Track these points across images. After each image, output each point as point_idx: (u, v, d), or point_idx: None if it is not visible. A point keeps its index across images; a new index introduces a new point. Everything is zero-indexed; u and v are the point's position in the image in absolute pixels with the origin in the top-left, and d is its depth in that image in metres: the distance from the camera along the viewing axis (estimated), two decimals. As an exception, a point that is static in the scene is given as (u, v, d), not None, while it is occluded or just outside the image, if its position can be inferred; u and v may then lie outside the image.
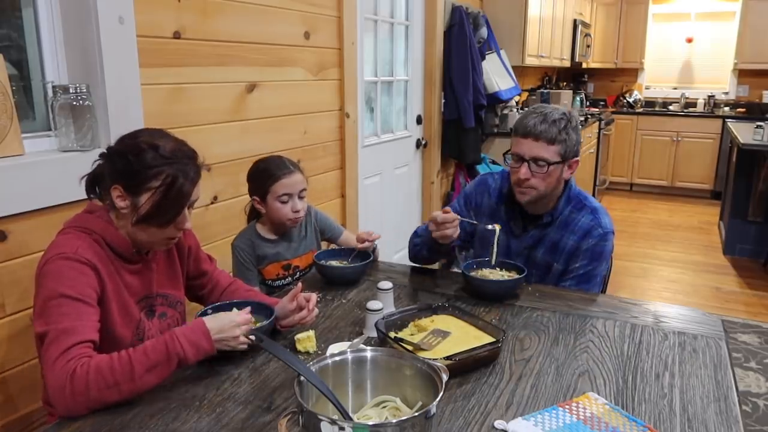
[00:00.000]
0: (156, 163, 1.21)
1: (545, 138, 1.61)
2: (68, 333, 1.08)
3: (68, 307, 1.11)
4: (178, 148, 1.25)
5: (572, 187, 1.75)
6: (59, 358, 1.06)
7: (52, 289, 1.12)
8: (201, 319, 1.17)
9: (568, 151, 1.64)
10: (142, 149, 1.21)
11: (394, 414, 0.99)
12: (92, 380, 1.04)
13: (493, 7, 4.46)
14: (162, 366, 1.10)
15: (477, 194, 1.87)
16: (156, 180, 1.21)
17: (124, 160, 1.22)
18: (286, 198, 1.77)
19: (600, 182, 6.32)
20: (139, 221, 1.22)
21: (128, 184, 1.21)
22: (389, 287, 1.50)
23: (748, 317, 3.55)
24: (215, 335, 1.15)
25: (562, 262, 1.73)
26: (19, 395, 1.53)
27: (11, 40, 1.59)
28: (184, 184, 1.23)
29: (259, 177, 1.81)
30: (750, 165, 4.46)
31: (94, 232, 1.22)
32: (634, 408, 1.10)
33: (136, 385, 1.07)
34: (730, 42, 6.74)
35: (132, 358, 1.07)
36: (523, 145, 1.64)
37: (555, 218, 1.73)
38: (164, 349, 1.10)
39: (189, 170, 1.24)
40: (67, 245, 1.17)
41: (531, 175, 1.63)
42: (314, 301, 1.40)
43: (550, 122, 1.62)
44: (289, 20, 2.38)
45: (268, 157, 1.88)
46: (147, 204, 1.21)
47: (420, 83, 3.81)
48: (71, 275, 1.14)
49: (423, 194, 4.00)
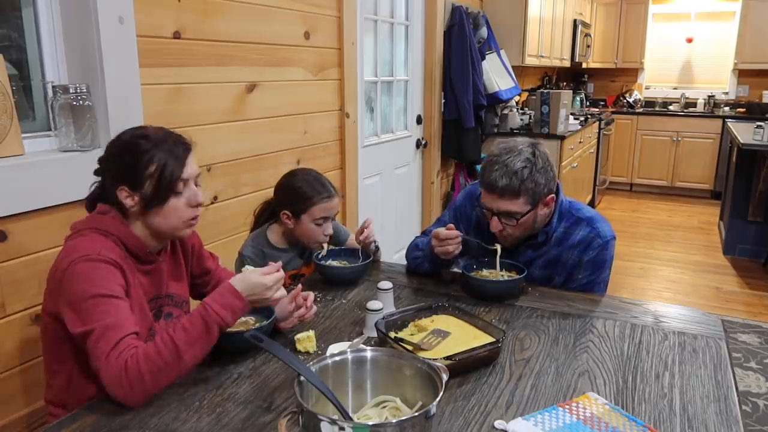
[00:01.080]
0: (146, 148, 1.23)
1: (509, 193, 1.54)
2: (113, 328, 1.10)
3: (106, 305, 1.12)
4: (165, 131, 1.29)
5: (562, 202, 1.70)
6: (111, 353, 1.08)
7: (84, 290, 1.13)
8: (228, 282, 1.19)
9: (537, 195, 1.56)
10: (131, 143, 1.24)
11: (394, 414, 0.99)
12: (144, 368, 1.06)
13: (493, 7, 4.46)
14: (203, 337, 1.12)
15: (466, 206, 1.83)
16: (151, 164, 1.23)
17: (118, 161, 1.24)
18: (322, 221, 1.75)
19: (600, 182, 6.32)
20: (146, 207, 1.24)
21: (130, 180, 1.23)
22: (389, 287, 1.50)
23: (748, 317, 3.55)
24: (247, 296, 1.18)
25: (563, 276, 1.70)
26: (19, 395, 1.53)
27: (11, 40, 1.59)
28: (177, 157, 1.25)
29: (298, 194, 1.75)
30: (750, 165, 4.46)
31: (110, 233, 1.23)
32: (634, 408, 1.10)
33: (185, 362, 1.10)
34: (730, 42, 6.74)
35: (174, 338, 1.10)
36: (488, 199, 1.59)
37: (550, 236, 1.68)
38: (200, 320, 1.12)
39: (177, 148, 1.27)
40: (89, 247, 1.18)
41: (503, 227, 1.60)
42: (312, 299, 1.41)
43: (512, 174, 1.52)
44: (289, 20, 2.38)
45: (304, 172, 1.82)
46: (149, 188, 1.23)
47: (420, 83, 3.81)
48: (100, 275, 1.15)
49: (423, 194, 4.00)
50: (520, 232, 1.63)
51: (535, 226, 1.66)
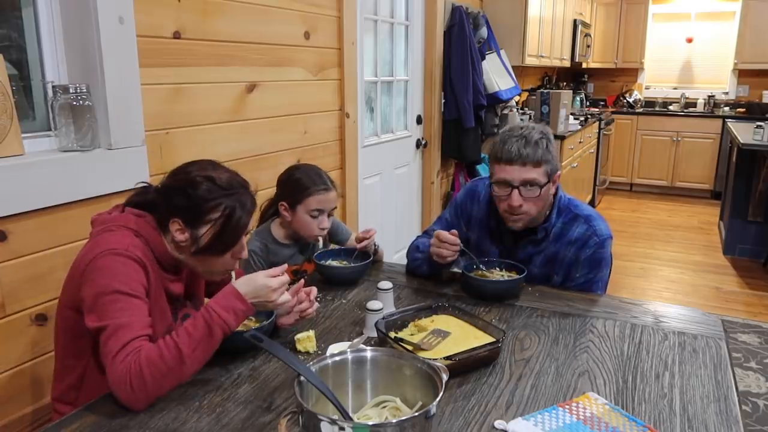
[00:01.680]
0: (214, 195, 1.23)
1: (532, 161, 1.57)
2: (125, 328, 1.10)
3: (123, 303, 1.12)
4: (233, 178, 1.28)
5: (561, 197, 1.71)
6: (119, 354, 1.08)
7: (105, 284, 1.13)
8: (231, 285, 1.18)
9: (553, 168, 1.60)
10: (198, 182, 1.23)
11: (394, 414, 0.99)
12: (146, 372, 1.06)
13: (493, 7, 4.46)
14: (206, 341, 1.12)
15: (467, 203, 1.84)
16: (215, 212, 1.23)
17: (181, 195, 1.23)
18: (317, 213, 1.76)
19: (600, 182, 6.32)
20: (199, 252, 1.24)
21: (187, 217, 1.23)
22: (389, 287, 1.50)
23: (748, 317, 3.55)
24: (251, 299, 1.17)
25: (562, 274, 1.70)
26: (19, 395, 1.53)
27: (11, 40, 1.59)
28: (243, 215, 1.25)
29: (295, 185, 1.78)
30: (750, 165, 4.46)
31: (141, 235, 1.23)
32: (634, 408, 1.10)
33: (188, 366, 1.09)
34: (730, 42, 6.74)
35: (177, 342, 1.09)
36: (509, 171, 1.59)
37: (549, 232, 1.69)
38: (203, 323, 1.12)
39: (245, 200, 1.27)
40: (117, 242, 1.18)
41: (523, 201, 1.59)
42: (315, 293, 1.41)
43: (533, 144, 1.57)
44: (289, 20, 2.38)
45: (306, 166, 1.86)
46: (207, 235, 1.23)
47: (420, 83, 3.81)
48: (123, 271, 1.15)
49: (423, 194, 4.00)
50: (535, 210, 1.62)
51: (542, 212, 1.66)
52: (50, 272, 1.55)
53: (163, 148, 1.84)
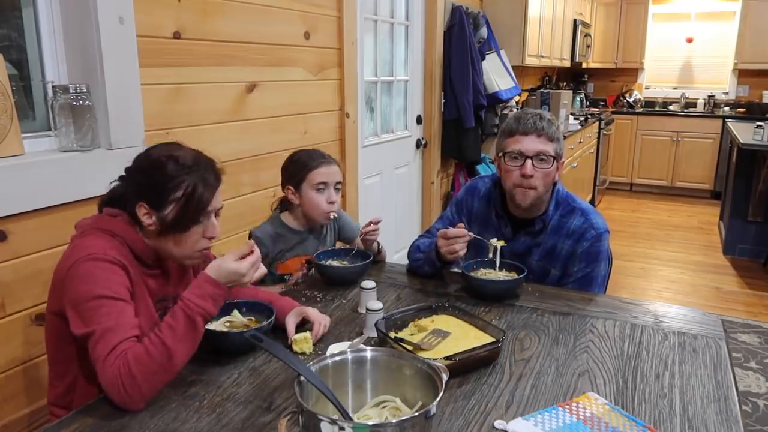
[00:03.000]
0: (177, 173, 1.22)
1: (546, 135, 1.65)
2: (113, 331, 1.10)
3: (108, 307, 1.12)
4: (197, 155, 1.27)
5: (559, 190, 1.74)
6: (108, 357, 1.07)
7: (87, 291, 1.12)
8: (204, 272, 1.17)
9: (561, 150, 1.67)
10: (161, 162, 1.22)
11: (394, 414, 0.99)
12: (136, 372, 1.06)
13: (493, 7, 4.46)
14: (190, 332, 1.11)
15: (468, 199, 1.86)
16: (179, 190, 1.22)
17: (145, 177, 1.23)
18: (323, 187, 1.76)
19: (600, 182, 6.32)
20: (164, 231, 1.23)
21: (153, 199, 1.22)
22: (372, 286, 1.50)
23: (748, 317, 3.55)
24: (225, 283, 1.16)
25: (560, 268, 1.72)
26: (19, 395, 1.53)
27: (11, 40, 1.59)
28: (205, 191, 1.24)
29: (296, 165, 1.79)
30: (750, 165, 4.46)
31: (117, 234, 1.22)
32: (634, 408, 1.10)
33: (176, 359, 1.09)
34: (730, 42, 6.74)
35: (162, 337, 1.09)
36: (524, 142, 1.65)
37: (546, 224, 1.71)
38: (183, 315, 1.11)
39: (208, 176, 1.26)
40: (94, 246, 1.17)
41: (534, 171, 1.63)
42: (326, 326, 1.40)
43: (547, 120, 1.67)
44: (289, 20, 2.38)
45: (304, 149, 1.87)
46: (172, 212, 1.22)
47: (420, 83, 3.81)
48: (104, 275, 1.14)
49: (423, 194, 4.00)
50: (542, 187, 1.66)
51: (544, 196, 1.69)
52: (50, 272, 1.53)
53: (163, 148, 1.84)
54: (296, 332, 1.34)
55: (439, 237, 1.65)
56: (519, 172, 1.65)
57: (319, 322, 1.38)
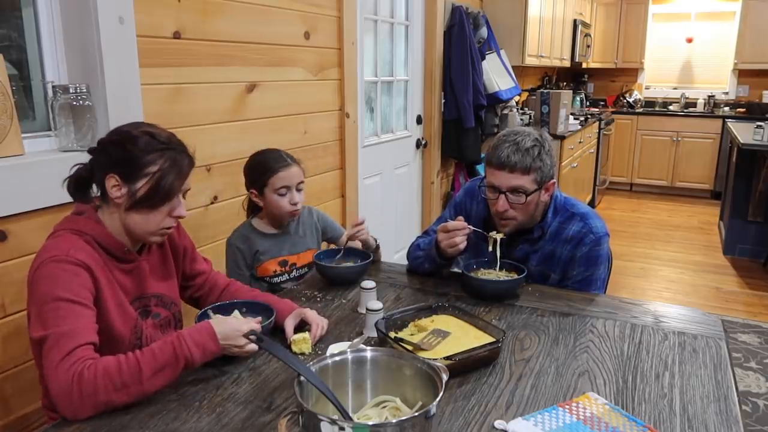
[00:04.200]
0: (153, 148, 1.22)
1: (520, 169, 1.57)
2: (68, 336, 1.08)
3: (65, 310, 1.10)
4: (172, 136, 1.27)
5: (558, 197, 1.72)
6: (62, 362, 1.05)
7: (46, 293, 1.11)
8: (207, 322, 1.18)
9: (544, 176, 1.60)
10: (137, 136, 1.22)
11: (394, 414, 0.99)
12: (100, 383, 1.04)
13: (493, 7, 4.46)
14: (169, 367, 1.10)
15: (466, 202, 1.86)
16: (153, 165, 1.21)
17: (119, 149, 1.22)
18: (284, 191, 1.78)
19: (600, 182, 6.32)
20: (133, 206, 1.22)
21: (125, 171, 1.21)
22: (372, 286, 1.50)
23: (748, 317, 3.55)
24: (221, 341, 1.16)
25: (559, 272, 1.71)
26: (19, 395, 1.53)
27: (11, 40, 1.59)
28: (181, 169, 1.24)
29: (257, 170, 1.81)
30: (750, 165, 4.46)
31: (84, 233, 1.21)
32: (634, 408, 1.10)
33: (144, 387, 1.07)
34: (730, 42, 6.74)
35: (140, 360, 1.07)
36: (498, 176, 1.60)
37: (545, 231, 1.70)
38: (171, 350, 1.10)
39: (183, 158, 1.26)
40: (58, 248, 1.16)
41: (509, 206, 1.61)
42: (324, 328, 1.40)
43: (524, 151, 1.56)
44: (289, 20, 2.38)
45: (264, 150, 1.87)
46: (143, 188, 1.21)
47: (420, 83, 3.81)
48: (65, 277, 1.13)
49: (423, 194, 4.00)
50: (522, 216, 1.64)
51: (534, 216, 1.67)
52: (50, 272, 1.55)
53: (163, 148, 1.84)
54: (295, 334, 1.34)
55: (439, 231, 1.65)
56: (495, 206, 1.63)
57: (317, 324, 1.37)
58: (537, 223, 1.70)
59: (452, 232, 1.62)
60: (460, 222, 1.63)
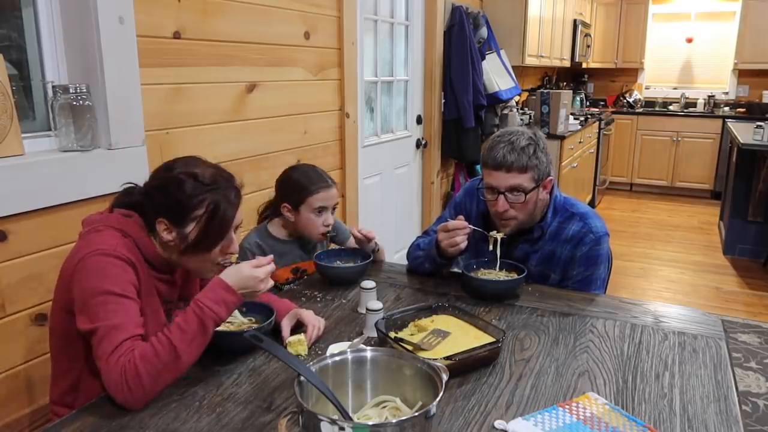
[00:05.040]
0: (198, 191, 1.22)
1: (517, 168, 1.57)
2: (118, 329, 1.10)
3: (114, 304, 1.12)
4: (217, 173, 1.27)
5: (557, 197, 1.72)
6: (112, 355, 1.07)
7: (95, 286, 1.12)
8: (218, 277, 1.18)
9: (541, 174, 1.61)
10: (181, 180, 1.22)
11: (394, 414, 0.99)
12: (142, 370, 1.06)
13: (493, 7, 4.46)
14: (199, 335, 1.12)
15: (466, 202, 1.85)
16: (200, 208, 1.22)
17: (165, 194, 1.23)
18: (322, 211, 1.78)
19: (600, 182, 6.32)
20: (187, 250, 1.23)
21: (173, 217, 1.22)
22: (372, 286, 1.50)
23: (748, 317, 3.55)
24: (239, 290, 1.17)
25: (559, 272, 1.71)
26: (19, 395, 1.53)
27: (11, 40, 1.59)
28: (228, 209, 1.24)
29: (296, 186, 1.79)
30: (750, 165, 4.46)
31: (129, 235, 1.22)
32: (634, 408, 1.10)
33: (183, 361, 1.10)
34: (730, 42, 6.74)
35: (171, 338, 1.09)
36: (495, 177, 1.60)
37: (545, 231, 1.70)
38: (195, 318, 1.12)
39: (230, 194, 1.26)
40: (104, 242, 1.17)
41: (509, 206, 1.61)
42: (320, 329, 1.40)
43: (519, 150, 1.57)
44: (289, 20, 2.38)
45: (304, 165, 1.88)
46: (193, 233, 1.22)
47: (420, 83, 3.81)
48: (113, 271, 1.14)
49: (423, 194, 4.00)
50: (522, 216, 1.64)
51: (534, 215, 1.67)
52: (50, 272, 1.55)
53: (164, 148, 1.84)
54: (291, 335, 1.34)
55: (440, 230, 1.65)
56: (494, 207, 1.63)
57: (313, 326, 1.37)
58: (537, 223, 1.70)
59: (453, 232, 1.62)
60: (461, 221, 1.63)
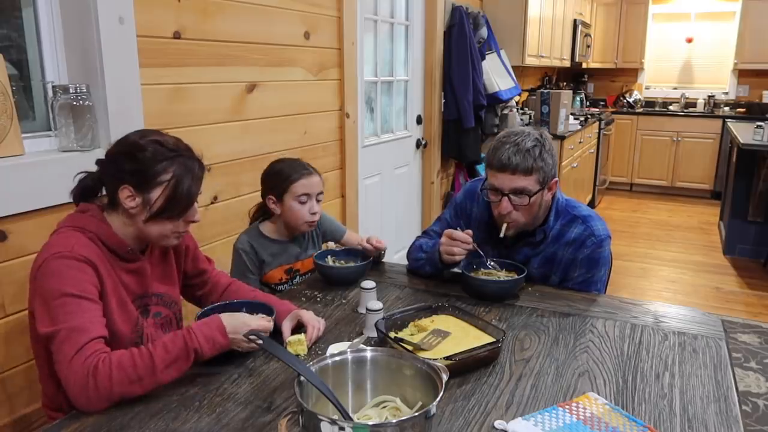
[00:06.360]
0: (162, 156, 1.22)
1: (522, 170, 1.55)
2: (79, 331, 1.09)
3: (73, 306, 1.11)
4: (179, 140, 1.28)
5: (559, 199, 1.70)
6: (76, 356, 1.07)
7: (53, 289, 1.11)
8: (217, 316, 1.20)
9: (547, 176, 1.58)
10: (145, 146, 1.22)
11: (394, 414, 0.99)
12: (115, 375, 1.06)
13: (493, 7, 4.46)
14: (181, 360, 1.12)
15: (467, 203, 1.84)
16: (166, 173, 1.22)
17: (129, 159, 1.22)
18: (305, 198, 1.77)
19: (600, 182, 6.32)
20: (153, 216, 1.23)
21: (138, 182, 1.21)
22: (372, 286, 1.50)
23: (748, 317, 3.55)
24: (230, 334, 1.18)
25: (559, 274, 1.70)
26: (19, 395, 1.53)
27: (11, 40, 1.59)
28: (194, 176, 1.25)
29: (278, 176, 1.79)
30: (750, 165, 4.46)
31: (88, 230, 1.21)
32: (634, 408, 1.10)
33: (157, 379, 1.10)
34: (730, 42, 6.74)
35: (153, 354, 1.09)
36: (499, 178, 1.58)
37: (547, 234, 1.68)
38: (183, 343, 1.12)
39: (194, 163, 1.27)
40: (62, 244, 1.16)
41: (513, 208, 1.59)
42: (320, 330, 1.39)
43: (525, 152, 1.54)
44: (289, 20, 2.38)
45: (285, 158, 1.87)
46: (160, 199, 1.22)
47: (420, 83, 3.81)
48: (71, 273, 1.13)
49: (423, 194, 4.00)
50: (526, 218, 1.62)
51: (537, 217, 1.65)
52: (50, 272, 1.55)
53: (163, 148, 1.84)
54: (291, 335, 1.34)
55: (445, 235, 1.65)
56: (497, 208, 1.62)
57: (313, 326, 1.37)
58: (539, 226, 1.69)
59: (455, 242, 1.61)
60: (467, 236, 1.62)
